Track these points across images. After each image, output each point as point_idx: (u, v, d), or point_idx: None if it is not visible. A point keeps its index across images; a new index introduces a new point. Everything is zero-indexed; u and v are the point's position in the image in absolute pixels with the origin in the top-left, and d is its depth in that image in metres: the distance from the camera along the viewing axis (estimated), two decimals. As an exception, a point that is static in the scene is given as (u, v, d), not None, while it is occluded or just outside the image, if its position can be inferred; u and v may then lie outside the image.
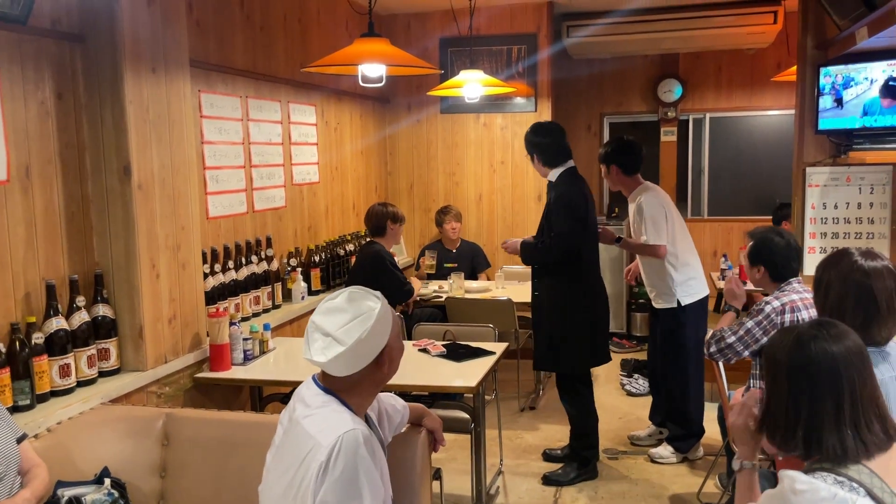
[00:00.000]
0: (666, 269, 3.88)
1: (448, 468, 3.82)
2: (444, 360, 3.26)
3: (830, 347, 1.51)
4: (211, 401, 3.20)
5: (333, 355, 1.74)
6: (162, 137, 2.88)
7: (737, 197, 6.84)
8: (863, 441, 1.45)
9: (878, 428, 1.47)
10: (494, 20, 5.55)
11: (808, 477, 1.44)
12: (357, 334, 1.75)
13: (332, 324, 1.77)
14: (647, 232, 3.83)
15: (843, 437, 1.45)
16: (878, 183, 4.00)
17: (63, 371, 2.54)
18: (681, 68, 6.80)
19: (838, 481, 1.43)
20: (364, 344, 1.76)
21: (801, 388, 1.51)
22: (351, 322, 1.76)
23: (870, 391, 1.50)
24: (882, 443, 1.47)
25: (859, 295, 2.04)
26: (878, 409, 1.50)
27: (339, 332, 1.75)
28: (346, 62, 3.22)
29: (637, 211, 3.90)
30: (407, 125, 5.87)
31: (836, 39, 3.79)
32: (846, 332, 1.55)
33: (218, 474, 2.36)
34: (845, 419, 1.46)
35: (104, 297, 2.74)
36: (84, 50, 2.71)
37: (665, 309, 3.93)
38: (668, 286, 3.89)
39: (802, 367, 1.51)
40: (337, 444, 1.69)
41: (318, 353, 1.76)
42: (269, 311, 3.90)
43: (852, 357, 1.50)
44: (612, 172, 3.98)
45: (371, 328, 1.76)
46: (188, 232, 3.05)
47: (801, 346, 1.53)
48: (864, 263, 2.07)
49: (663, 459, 3.93)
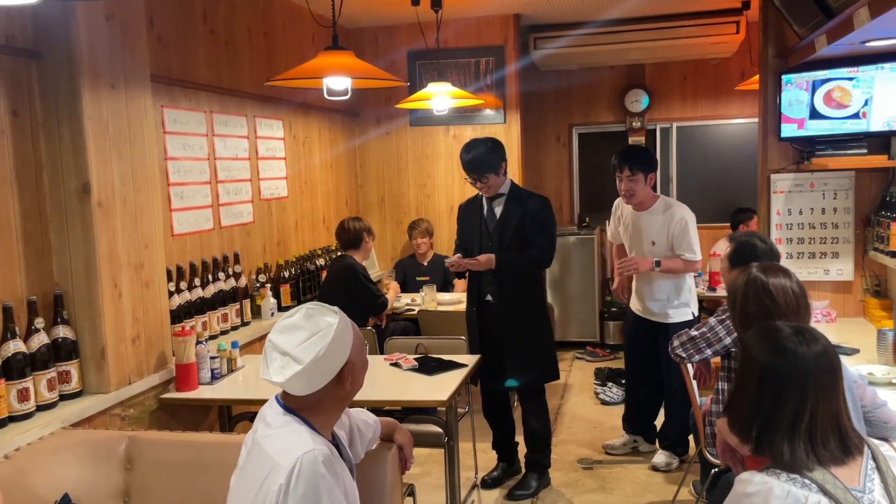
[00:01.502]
0: (686, 282, 3.88)
1: (422, 483, 3.78)
2: (416, 374, 3.23)
3: (805, 358, 1.55)
4: (178, 422, 3.13)
5: (291, 374, 1.70)
6: (122, 154, 2.83)
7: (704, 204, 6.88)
8: (815, 454, 1.50)
9: (833, 445, 1.52)
10: (462, 33, 5.57)
11: (761, 476, 1.49)
12: (314, 352, 1.70)
13: (289, 342, 1.73)
14: (692, 247, 3.76)
15: (795, 447, 1.50)
16: (841, 188, 4.06)
17: (21, 395, 2.46)
18: (647, 79, 6.88)
19: (791, 478, 1.47)
20: (322, 362, 1.72)
21: (766, 391, 1.56)
22: (308, 340, 1.72)
23: (833, 408, 1.54)
24: (837, 459, 1.51)
25: (760, 301, 2.18)
26: (838, 426, 1.54)
27: (297, 351, 1.71)
28: (310, 75, 3.20)
29: (677, 225, 3.76)
30: (376, 138, 5.85)
31: (796, 48, 3.85)
32: (822, 344, 1.59)
33: (183, 498, 2.30)
34: (800, 431, 1.51)
35: (64, 318, 2.67)
36: (40, 66, 2.65)
37: (678, 323, 3.79)
38: (686, 299, 3.87)
39: (774, 371, 1.56)
40: (296, 465, 1.65)
41: (275, 372, 1.72)
42: (238, 329, 3.84)
43: (823, 372, 1.54)
44: (647, 181, 3.79)
45: (329, 345, 1.71)
46: (151, 249, 3.00)
47: (779, 353, 1.57)
48: (761, 275, 2.23)
49: (669, 467, 3.94)
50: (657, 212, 3.85)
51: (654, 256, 3.82)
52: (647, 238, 3.86)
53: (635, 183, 3.77)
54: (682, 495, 3.62)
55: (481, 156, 3.57)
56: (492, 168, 3.59)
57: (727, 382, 2.91)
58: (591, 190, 7.08)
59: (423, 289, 4.76)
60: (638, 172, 3.76)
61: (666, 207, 3.84)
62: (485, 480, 3.88)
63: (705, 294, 5.30)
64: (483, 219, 3.73)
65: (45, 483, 2.24)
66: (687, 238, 3.75)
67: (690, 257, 3.76)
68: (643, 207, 3.88)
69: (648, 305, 3.94)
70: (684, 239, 3.75)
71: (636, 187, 3.78)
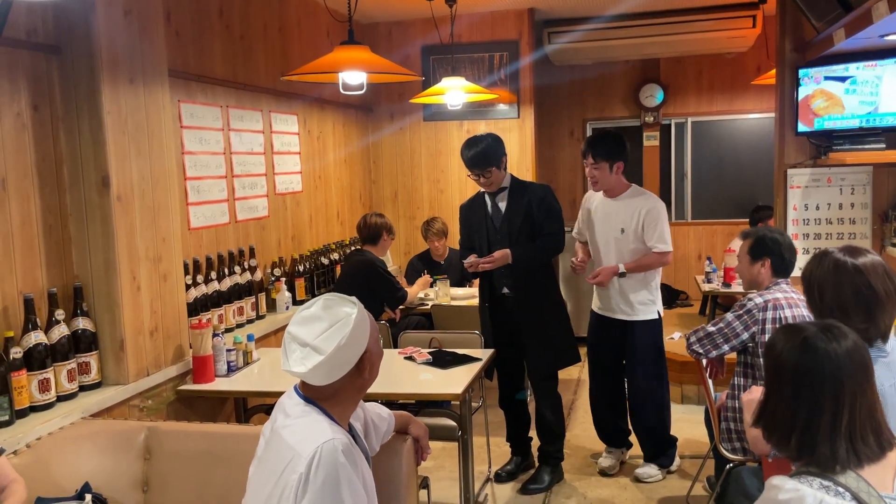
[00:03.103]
0: (655, 279, 3.76)
1: (436, 476, 3.80)
2: (430, 368, 3.24)
3: (837, 355, 1.49)
4: (195, 413, 3.16)
5: (313, 365, 1.71)
6: (141, 148, 2.86)
7: (720, 200, 6.89)
8: (855, 452, 1.45)
9: (872, 440, 1.47)
10: (476, 27, 5.57)
11: (793, 483, 1.44)
12: (336, 341, 1.72)
13: (310, 333, 1.74)
14: (664, 238, 3.65)
15: (836, 448, 1.45)
16: (859, 183, 4.04)
17: (43, 386, 2.50)
18: (662, 73, 6.85)
19: (824, 486, 1.42)
20: (344, 351, 1.73)
21: (803, 395, 1.50)
22: (329, 330, 1.74)
23: (869, 403, 1.50)
24: (875, 455, 1.47)
25: (856, 288, 2.03)
26: (874, 421, 1.49)
27: (318, 341, 1.72)
28: (326, 70, 3.21)
29: (648, 214, 3.65)
30: (390, 133, 5.86)
31: (813, 42, 3.83)
32: (852, 339, 1.53)
33: (201, 488, 2.33)
34: (841, 430, 1.46)
35: (84, 310, 2.70)
36: (60, 61, 2.68)
37: (643, 321, 3.73)
38: (651, 297, 3.75)
39: (807, 372, 1.50)
40: (316, 454, 1.67)
41: (296, 363, 1.73)
42: (254, 322, 3.87)
43: (856, 368, 1.49)
44: (614, 169, 3.67)
45: (350, 334, 1.73)
46: (169, 243, 3.02)
47: (808, 351, 1.51)
48: (849, 258, 2.07)
49: (651, 478, 3.81)
50: (626, 198, 3.73)
51: (623, 245, 3.70)
52: (616, 225, 3.73)
53: (599, 171, 3.68)
54: (697, 490, 3.62)
55: (483, 150, 3.55)
56: (494, 162, 3.57)
57: (743, 378, 2.91)
58: (604, 185, 7.05)
59: (437, 283, 4.77)
60: (601, 161, 3.65)
61: (637, 195, 3.73)
62: (498, 474, 3.88)
63: (719, 290, 5.29)
64: (488, 215, 3.70)
65: (65, 472, 2.27)
66: (659, 228, 3.65)
67: (663, 248, 3.66)
68: (612, 195, 3.76)
69: (613, 302, 3.77)
70: (656, 229, 3.64)
71: (599, 175, 3.69)
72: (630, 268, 3.68)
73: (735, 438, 2.93)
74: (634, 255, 3.70)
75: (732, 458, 2.90)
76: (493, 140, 3.61)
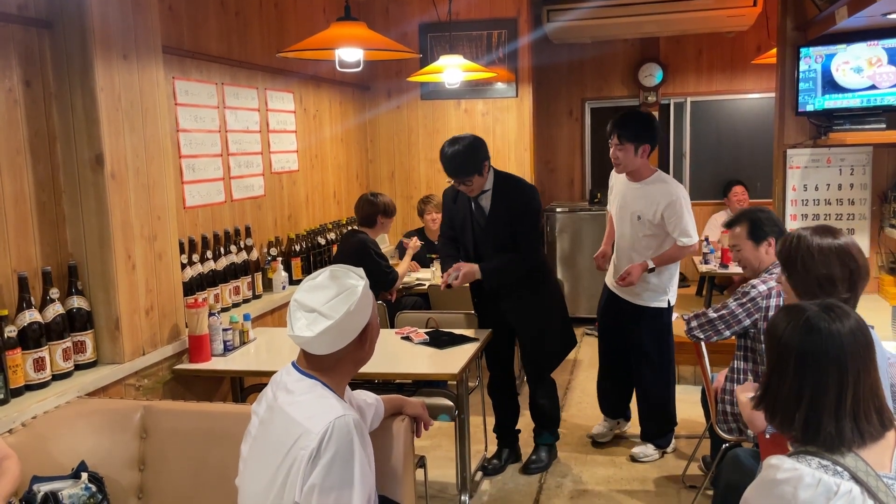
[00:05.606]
0: (669, 268, 3.66)
1: (432, 456, 3.81)
2: (427, 348, 3.24)
3: (841, 335, 1.48)
4: (191, 392, 3.16)
5: (321, 329, 1.73)
6: (135, 125, 2.82)
7: (718, 180, 6.86)
8: (860, 431, 1.45)
9: (875, 419, 1.47)
10: (474, 5, 5.50)
11: (791, 462, 1.44)
12: (344, 308, 1.74)
13: (317, 300, 1.76)
14: (688, 231, 3.50)
15: (842, 427, 1.45)
16: (858, 164, 4.02)
17: (37, 364, 2.49)
18: (661, 52, 6.79)
19: (822, 465, 1.42)
20: (351, 317, 1.75)
21: (807, 375, 1.49)
22: (336, 297, 1.76)
23: (872, 381, 1.49)
24: (877, 433, 1.47)
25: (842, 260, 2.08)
26: (877, 399, 1.49)
27: (325, 308, 1.74)
28: (322, 46, 3.17)
29: (671, 206, 3.49)
30: (387, 111, 5.82)
31: (815, 20, 3.79)
32: (854, 318, 1.53)
33: (198, 466, 2.33)
34: (846, 409, 1.46)
35: (79, 288, 2.69)
36: (52, 36, 2.64)
37: (653, 308, 3.68)
38: (665, 285, 3.67)
39: (811, 353, 1.49)
40: (328, 429, 1.68)
41: (303, 328, 1.74)
42: (250, 302, 3.86)
43: (859, 347, 1.49)
44: (639, 152, 3.51)
45: (357, 302, 1.76)
46: (164, 221, 3.00)
47: (812, 332, 1.50)
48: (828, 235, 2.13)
49: (648, 458, 3.82)
50: (648, 185, 3.58)
51: (637, 230, 3.60)
52: (634, 211, 3.61)
53: (623, 152, 3.52)
54: (692, 469, 3.64)
55: (462, 158, 3.33)
56: (475, 170, 3.36)
57: (743, 361, 2.90)
58: (602, 165, 7.03)
59: (433, 264, 4.76)
60: (626, 142, 3.50)
61: (658, 182, 3.57)
62: (485, 468, 3.75)
63: (716, 271, 5.27)
64: (473, 215, 3.54)
65: (62, 450, 2.27)
66: (683, 221, 3.49)
67: (686, 242, 3.51)
68: (635, 178, 3.62)
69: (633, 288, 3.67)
70: (680, 222, 3.49)
71: (623, 156, 3.53)
72: (658, 262, 3.57)
73: (731, 420, 2.93)
74: (648, 241, 3.61)
75: (729, 438, 2.91)
76: (472, 146, 3.37)
